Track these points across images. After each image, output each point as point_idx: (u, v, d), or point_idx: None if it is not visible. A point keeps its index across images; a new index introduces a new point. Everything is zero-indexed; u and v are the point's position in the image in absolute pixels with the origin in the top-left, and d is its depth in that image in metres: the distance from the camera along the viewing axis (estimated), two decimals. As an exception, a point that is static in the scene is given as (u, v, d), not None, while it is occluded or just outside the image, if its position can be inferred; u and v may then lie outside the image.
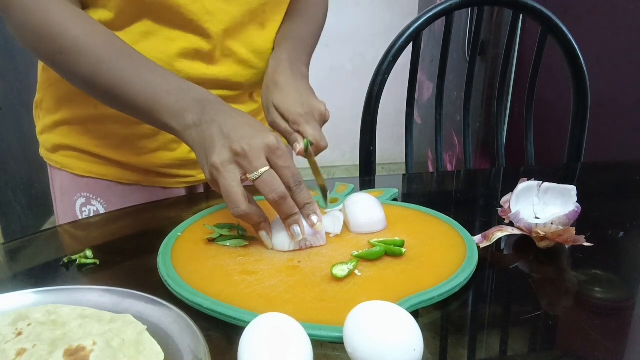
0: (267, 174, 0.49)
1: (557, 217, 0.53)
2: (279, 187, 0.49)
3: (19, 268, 0.54)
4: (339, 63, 2.88)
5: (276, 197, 0.49)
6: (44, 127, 0.73)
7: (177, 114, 0.54)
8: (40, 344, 0.34)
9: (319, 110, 0.60)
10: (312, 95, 0.62)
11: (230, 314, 0.41)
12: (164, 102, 0.55)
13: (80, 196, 0.73)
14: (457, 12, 0.96)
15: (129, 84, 0.55)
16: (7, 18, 0.57)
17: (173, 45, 0.65)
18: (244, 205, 0.49)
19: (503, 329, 0.42)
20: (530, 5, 0.96)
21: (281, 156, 0.50)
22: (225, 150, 0.49)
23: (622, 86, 1.66)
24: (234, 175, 0.49)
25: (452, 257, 0.50)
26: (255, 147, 0.49)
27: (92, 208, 0.73)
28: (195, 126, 0.53)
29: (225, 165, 0.49)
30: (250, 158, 0.49)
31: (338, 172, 3.09)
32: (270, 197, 0.49)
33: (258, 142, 0.49)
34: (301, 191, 0.51)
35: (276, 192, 0.49)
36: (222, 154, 0.49)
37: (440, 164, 1.02)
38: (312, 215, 0.52)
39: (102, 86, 0.56)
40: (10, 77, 2.17)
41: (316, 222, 0.51)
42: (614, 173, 0.88)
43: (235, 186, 0.49)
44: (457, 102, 1.93)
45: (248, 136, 0.50)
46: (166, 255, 0.51)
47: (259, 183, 0.49)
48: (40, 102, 0.73)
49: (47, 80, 0.71)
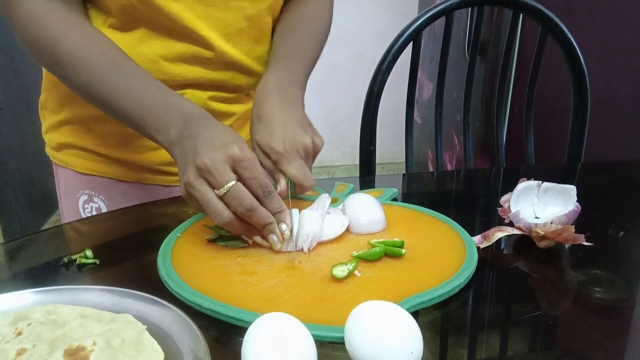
0: (234, 189, 0.48)
1: (557, 216, 0.53)
2: (246, 200, 0.48)
3: (19, 268, 0.54)
4: (339, 63, 2.88)
5: (244, 211, 0.48)
6: (49, 126, 0.74)
7: (162, 129, 0.55)
8: (40, 344, 0.34)
9: (304, 145, 0.57)
10: (299, 127, 0.59)
11: (230, 314, 0.41)
12: (150, 116, 0.55)
13: (82, 193, 0.74)
14: (457, 11, 0.96)
15: (118, 98, 0.56)
16: (12, 27, 0.58)
17: (170, 49, 0.65)
18: (225, 213, 0.49)
19: (503, 329, 0.42)
20: (530, 5, 0.96)
21: (247, 167, 0.49)
22: (193, 166, 0.49)
23: (622, 86, 1.66)
24: (206, 189, 0.49)
25: (451, 257, 0.50)
26: (218, 161, 0.48)
27: (94, 205, 0.74)
28: (177, 142, 0.53)
29: (196, 180, 0.49)
30: (215, 173, 0.48)
31: (338, 172, 3.09)
32: (239, 211, 0.48)
33: (220, 155, 0.48)
34: (270, 200, 0.50)
35: (243, 205, 0.48)
36: (191, 171, 0.49)
37: (440, 163, 1.02)
38: (281, 224, 0.51)
39: (95, 97, 0.58)
40: (10, 77, 2.17)
41: (284, 231, 0.51)
42: (614, 173, 0.88)
43: (211, 197, 0.49)
44: (457, 101, 1.92)
45: (212, 149, 0.49)
46: (166, 255, 0.51)
47: (227, 199, 0.48)
48: (45, 102, 0.74)
49: (50, 81, 0.72)
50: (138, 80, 0.57)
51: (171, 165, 0.74)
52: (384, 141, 2.30)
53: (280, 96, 0.61)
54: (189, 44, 0.65)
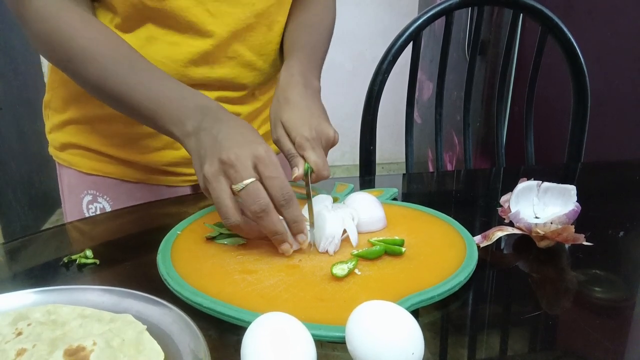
0: (252, 185, 0.47)
1: (557, 216, 0.53)
2: (263, 199, 0.47)
3: (19, 268, 0.54)
4: (339, 63, 2.88)
5: (257, 209, 0.47)
6: (53, 126, 0.74)
7: (178, 121, 0.55)
8: (40, 344, 0.34)
9: (327, 136, 0.57)
10: (323, 117, 0.59)
11: (230, 314, 0.41)
12: (165, 109, 0.55)
13: (87, 194, 0.74)
14: (457, 11, 0.96)
15: (133, 91, 0.56)
16: (23, 25, 0.58)
17: (177, 50, 0.65)
18: (234, 217, 0.48)
19: (503, 328, 0.42)
20: (530, 5, 0.96)
21: (269, 166, 0.48)
22: (215, 159, 0.49)
23: (622, 86, 1.66)
24: (223, 187, 0.48)
25: (451, 256, 0.50)
26: (243, 157, 0.48)
27: (98, 205, 0.74)
28: (194, 134, 0.53)
29: (215, 176, 0.49)
30: (237, 168, 0.48)
31: (338, 172, 3.09)
32: (251, 208, 0.47)
33: (246, 151, 0.48)
34: (290, 207, 0.49)
35: (258, 204, 0.47)
36: (213, 164, 0.49)
37: (440, 163, 1.02)
38: (300, 235, 0.50)
39: (109, 93, 0.58)
40: (10, 76, 2.17)
41: (303, 242, 0.50)
42: (614, 173, 0.88)
43: (225, 198, 0.48)
44: (457, 102, 1.93)
45: (237, 145, 0.49)
46: (166, 253, 0.51)
47: (243, 194, 0.47)
48: (49, 102, 0.74)
49: (55, 80, 0.72)
50: (152, 75, 0.57)
51: (176, 165, 0.74)
52: (384, 141, 2.30)
53: (304, 85, 0.62)
54: (195, 42, 0.65)
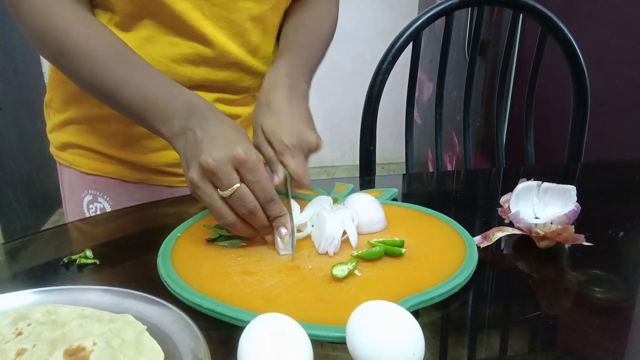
0: (238, 192, 0.49)
1: (557, 216, 0.53)
2: (250, 203, 0.49)
3: (19, 268, 0.54)
4: (339, 63, 2.88)
5: (246, 212, 0.50)
6: (54, 125, 0.74)
7: (166, 120, 0.54)
8: (40, 344, 0.34)
9: (309, 142, 0.56)
10: (306, 122, 0.58)
11: (230, 314, 0.41)
12: (154, 107, 0.55)
13: (87, 193, 0.74)
14: (457, 11, 0.96)
15: (123, 89, 0.56)
16: (17, 19, 0.58)
17: (176, 50, 0.65)
18: (230, 216, 0.50)
19: (503, 329, 0.42)
20: (530, 5, 0.96)
21: (251, 169, 0.49)
22: (196, 164, 0.49)
23: (622, 86, 1.66)
24: (210, 192, 0.49)
25: (451, 257, 0.50)
26: (222, 162, 0.48)
27: (98, 205, 0.74)
28: (181, 134, 0.53)
29: (201, 181, 0.49)
30: (219, 175, 0.48)
31: (338, 172, 3.10)
32: (241, 212, 0.50)
33: (224, 155, 0.48)
34: (272, 206, 0.51)
35: (246, 207, 0.49)
36: (196, 169, 0.49)
37: (440, 164, 1.02)
38: (281, 227, 0.51)
39: (99, 89, 0.57)
40: (10, 77, 2.17)
41: (284, 235, 0.51)
42: (614, 173, 0.88)
43: (216, 201, 0.49)
44: (457, 102, 1.92)
45: (217, 147, 0.49)
46: (166, 255, 0.51)
47: (231, 201, 0.49)
48: (50, 101, 0.74)
49: (55, 80, 0.72)
50: (142, 72, 0.57)
51: (176, 166, 0.74)
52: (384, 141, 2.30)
53: (289, 87, 0.61)
54: (194, 44, 0.65)
